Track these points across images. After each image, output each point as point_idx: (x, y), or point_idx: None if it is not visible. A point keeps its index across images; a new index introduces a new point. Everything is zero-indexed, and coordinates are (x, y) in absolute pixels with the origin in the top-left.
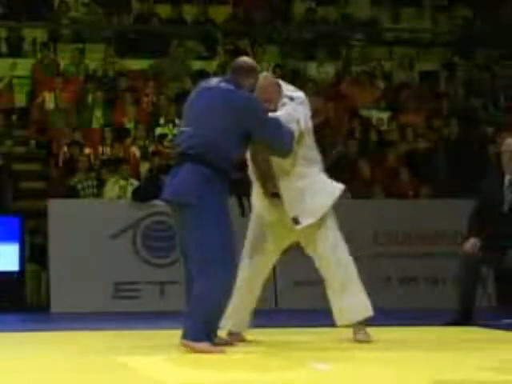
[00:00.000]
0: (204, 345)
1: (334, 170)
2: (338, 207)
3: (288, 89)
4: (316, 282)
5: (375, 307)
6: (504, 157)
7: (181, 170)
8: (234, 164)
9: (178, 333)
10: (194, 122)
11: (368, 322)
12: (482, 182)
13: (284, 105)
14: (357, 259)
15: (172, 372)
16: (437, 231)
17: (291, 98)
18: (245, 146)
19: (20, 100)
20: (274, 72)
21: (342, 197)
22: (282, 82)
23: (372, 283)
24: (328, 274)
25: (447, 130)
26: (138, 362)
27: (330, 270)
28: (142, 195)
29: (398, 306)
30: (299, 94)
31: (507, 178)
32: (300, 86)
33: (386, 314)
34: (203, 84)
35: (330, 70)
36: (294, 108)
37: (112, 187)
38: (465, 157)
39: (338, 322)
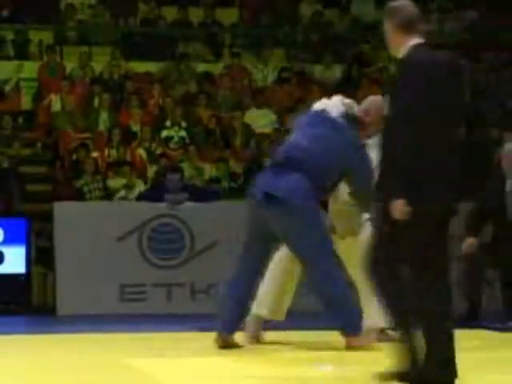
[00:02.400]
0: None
1: None
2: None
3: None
4: None
5: None
6: (504, 161)
7: (286, 175)
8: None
9: (184, 335)
10: (311, 142)
11: None
12: (487, 183)
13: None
14: None
15: (176, 373)
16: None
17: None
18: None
19: (26, 102)
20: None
21: None
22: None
23: None
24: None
25: None
26: (144, 363)
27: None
28: (150, 197)
29: None
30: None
31: (509, 182)
32: (306, 88)
33: None
34: (327, 110)
35: (336, 72)
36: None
37: (119, 184)
38: (471, 159)
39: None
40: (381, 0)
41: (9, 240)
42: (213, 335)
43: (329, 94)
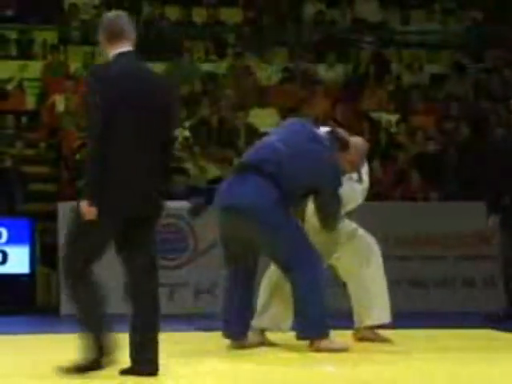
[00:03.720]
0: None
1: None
2: None
3: None
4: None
5: None
6: None
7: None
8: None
9: (187, 335)
10: (288, 148)
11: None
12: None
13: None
14: None
15: (178, 373)
16: (447, 233)
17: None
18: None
19: (30, 102)
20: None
21: None
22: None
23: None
24: None
25: (457, 133)
26: None
27: None
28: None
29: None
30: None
31: None
32: (310, 87)
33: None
34: (310, 126)
35: (339, 72)
36: (354, 188)
37: None
38: (475, 159)
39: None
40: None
41: (12, 240)
42: (215, 335)
43: (332, 94)
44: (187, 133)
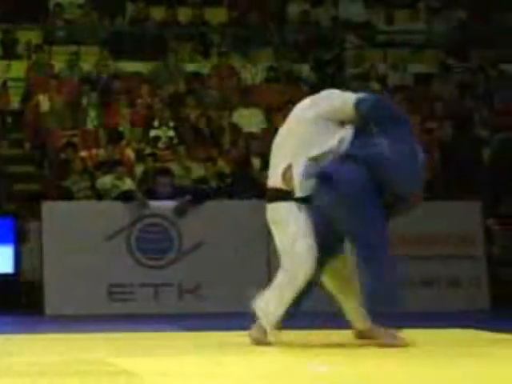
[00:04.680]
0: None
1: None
2: None
3: None
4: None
5: None
6: None
7: None
8: None
9: (171, 335)
10: None
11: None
12: None
13: None
14: None
15: (162, 372)
16: (431, 233)
17: None
18: None
19: (14, 102)
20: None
21: None
22: None
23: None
24: None
25: (441, 132)
26: (130, 362)
27: None
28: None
29: None
30: None
31: None
32: (294, 87)
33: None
34: None
35: (322, 72)
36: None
37: (108, 183)
38: (459, 159)
39: None
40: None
41: None
42: (199, 334)
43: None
44: (172, 133)
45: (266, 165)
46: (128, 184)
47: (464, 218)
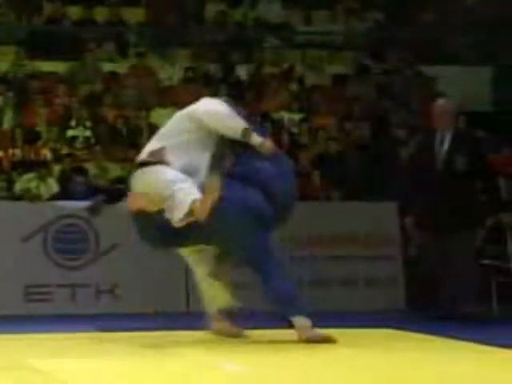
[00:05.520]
0: None
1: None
2: None
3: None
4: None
5: None
6: (435, 114)
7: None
8: None
9: (88, 335)
10: None
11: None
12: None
13: None
14: None
15: (79, 374)
16: (348, 233)
17: None
18: None
19: None
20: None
21: None
22: None
23: None
24: None
25: (359, 133)
26: (46, 364)
27: None
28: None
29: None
30: None
31: (438, 134)
32: (213, 89)
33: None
34: None
35: (242, 73)
36: None
37: (24, 184)
38: (376, 160)
39: None
40: (287, 0)
41: None
42: (116, 336)
43: (235, 94)
44: (88, 132)
45: None
46: (51, 185)
47: (381, 219)
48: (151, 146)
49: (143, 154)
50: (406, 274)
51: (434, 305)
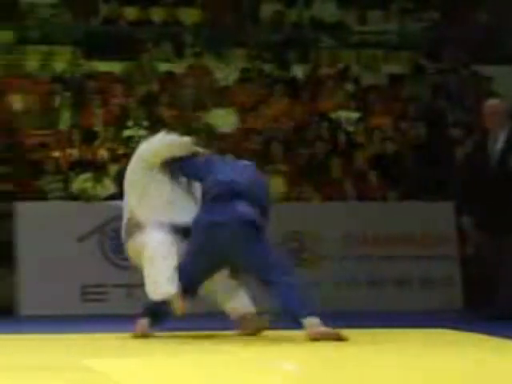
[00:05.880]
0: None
1: None
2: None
3: None
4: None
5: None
6: (486, 114)
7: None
8: None
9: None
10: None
11: (340, 324)
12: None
13: None
14: (326, 260)
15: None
16: (405, 233)
17: None
18: None
19: None
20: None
21: None
22: None
23: (340, 284)
24: None
25: (414, 133)
26: (103, 364)
27: None
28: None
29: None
30: None
31: (492, 134)
32: (268, 89)
33: (353, 316)
34: None
35: (298, 72)
36: None
37: (81, 184)
38: (432, 159)
39: None
40: (342, 0)
41: None
42: (177, 334)
43: (291, 95)
44: (145, 133)
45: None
46: (107, 185)
47: (437, 219)
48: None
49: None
50: (463, 273)
51: (491, 305)
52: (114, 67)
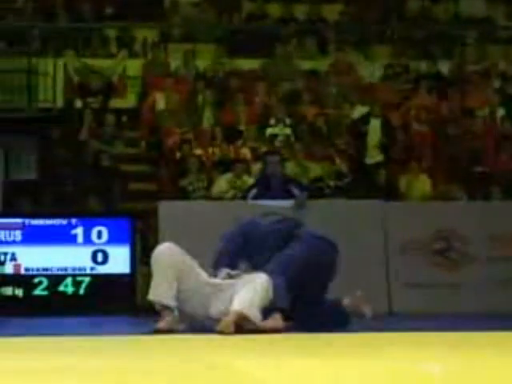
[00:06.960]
0: None
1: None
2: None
3: None
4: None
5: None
6: None
7: None
8: None
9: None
10: None
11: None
12: None
13: None
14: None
15: (278, 372)
16: None
17: None
18: None
19: (130, 100)
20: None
21: None
22: None
23: (488, 286)
24: None
25: None
26: (247, 363)
27: None
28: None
29: None
30: None
31: None
32: (413, 86)
33: (504, 318)
34: None
35: (444, 69)
36: None
37: (223, 184)
38: None
39: None
40: None
41: (113, 239)
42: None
43: (435, 91)
44: (288, 131)
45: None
46: (248, 183)
47: None
48: None
49: None
50: None
51: None
52: (257, 65)
